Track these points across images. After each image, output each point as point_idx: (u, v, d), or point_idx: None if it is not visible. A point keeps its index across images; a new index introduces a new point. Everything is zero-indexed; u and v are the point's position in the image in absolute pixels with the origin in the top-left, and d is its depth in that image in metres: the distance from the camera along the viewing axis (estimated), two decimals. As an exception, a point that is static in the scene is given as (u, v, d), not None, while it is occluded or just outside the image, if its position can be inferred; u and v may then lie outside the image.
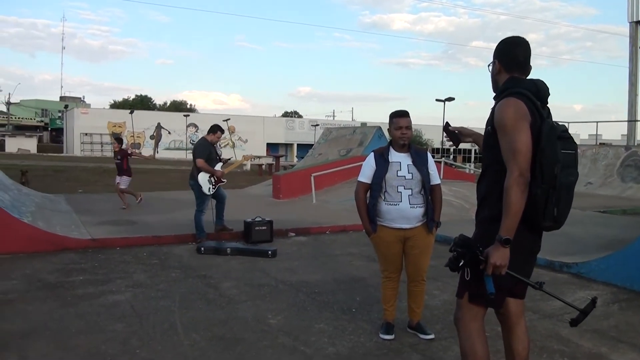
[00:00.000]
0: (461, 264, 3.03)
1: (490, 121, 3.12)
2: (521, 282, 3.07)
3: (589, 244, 9.31)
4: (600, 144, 30.13)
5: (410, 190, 4.74)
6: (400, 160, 4.80)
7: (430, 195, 4.84)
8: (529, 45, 3.22)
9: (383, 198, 4.77)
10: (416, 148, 4.94)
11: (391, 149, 4.87)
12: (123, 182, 13.46)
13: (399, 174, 4.73)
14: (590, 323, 5.38)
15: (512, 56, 3.20)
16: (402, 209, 4.71)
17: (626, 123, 29.04)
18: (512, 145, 2.91)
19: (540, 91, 3.10)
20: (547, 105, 3.16)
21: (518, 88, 3.06)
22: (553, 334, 5.10)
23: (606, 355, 4.66)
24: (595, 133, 30.59)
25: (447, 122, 3.86)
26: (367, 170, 4.88)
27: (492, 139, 3.10)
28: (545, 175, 2.88)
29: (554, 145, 2.90)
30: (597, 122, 29.55)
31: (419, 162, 4.81)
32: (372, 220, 4.84)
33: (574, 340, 4.98)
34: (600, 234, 10.49)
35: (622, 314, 5.83)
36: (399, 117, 4.83)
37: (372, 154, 4.95)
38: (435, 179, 4.92)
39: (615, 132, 61.29)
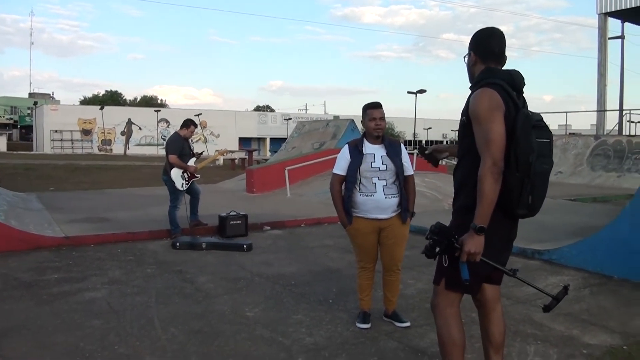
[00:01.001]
0: (437, 251, 3.09)
1: (465, 111, 3.17)
2: (496, 268, 3.15)
3: (560, 231, 9.48)
4: (570, 133, 30.59)
5: (385, 181, 4.80)
6: (374, 151, 4.85)
7: (403, 185, 4.90)
8: (504, 36, 3.28)
9: (358, 189, 4.82)
10: (389, 139, 4.99)
11: (365, 141, 4.92)
12: None
13: (373, 166, 4.78)
14: (562, 307, 5.49)
15: (487, 47, 3.25)
16: (377, 199, 4.77)
17: (595, 113, 29.51)
18: (486, 135, 2.97)
19: (515, 81, 3.16)
20: (523, 95, 3.22)
21: (493, 78, 3.11)
22: (526, 319, 5.22)
23: (578, 338, 4.79)
24: (565, 123, 30.95)
25: (420, 147, 3.96)
26: (341, 163, 4.92)
27: (467, 129, 3.15)
28: (520, 164, 2.94)
29: (528, 134, 2.96)
30: (566, 112, 29.99)
31: (393, 153, 4.86)
32: (347, 212, 4.89)
33: (547, 324, 5.10)
34: (571, 221, 10.67)
35: (593, 297, 5.97)
36: (373, 108, 4.88)
37: (347, 146, 4.99)
38: (409, 170, 4.98)
39: (584, 122, 62.19)
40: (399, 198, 4.86)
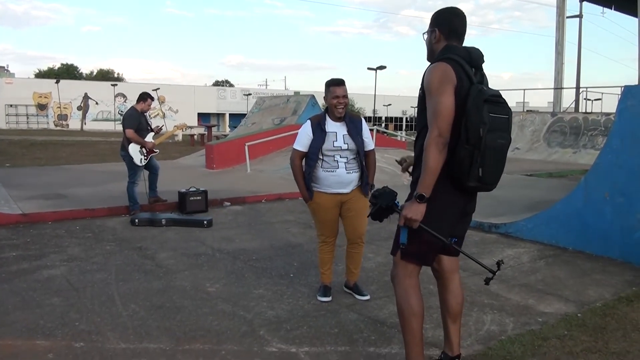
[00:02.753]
0: (374, 210, 3.25)
1: (422, 85, 3.21)
2: (459, 239, 3.26)
3: (517, 205, 9.68)
4: (527, 110, 31.03)
5: (346, 158, 4.84)
6: (336, 130, 4.85)
7: (365, 160, 4.95)
8: (465, 17, 3.33)
9: (320, 165, 4.85)
10: (350, 115, 4.98)
11: (327, 118, 4.91)
12: None
13: (335, 145, 4.80)
14: (518, 278, 5.68)
15: (451, 26, 3.29)
16: (339, 174, 4.82)
17: (552, 91, 29.98)
18: (435, 106, 3.04)
19: (472, 57, 3.20)
20: (482, 71, 3.27)
21: (449, 54, 3.16)
22: (483, 290, 5.33)
23: (533, 307, 4.93)
24: (522, 100, 31.40)
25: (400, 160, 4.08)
26: (303, 139, 4.91)
27: (423, 102, 3.20)
28: (470, 136, 2.99)
29: (479, 108, 3.00)
30: (524, 89, 30.38)
31: (354, 132, 4.88)
32: (308, 188, 4.92)
33: (503, 294, 5.24)
34: (527, 195, 10.90)
35: (548, 268, 6.13)
36: (336, 85, 4.84)
37: (309, 122, 4.96)
38: (370, 145, 5.01)
39: (541, 100, 63.03)
40: (360, 172, 4.91)
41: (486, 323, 4.54)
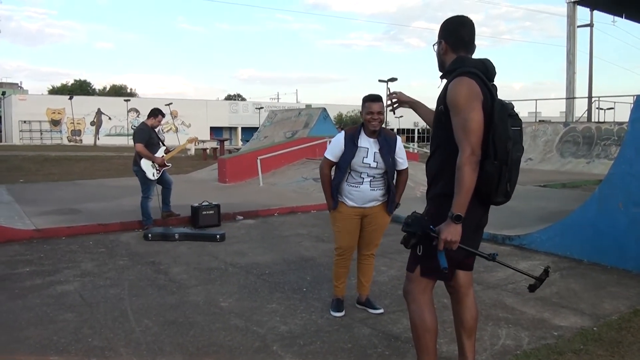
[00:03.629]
0: (413, 242, 3.10)
1: (442, 100, 3.15)
2: (472, 254, 3.19)
3: (530, 216, 9.61)
4: (539, 121, 30.88)
5: (373, 176, 4.81)
6: (369, 146, 4.79)
7: (397, 177, 4.96)
8: (473, 25, 3.28)
9: (345, 178, 4.84)
10: (386, 133, 4.90)
11: (362, 132, 4.84)
12: None
13: (364, 161, 4.75)
14: (533, 292, 5.61)
15: (458, 36, 3.25)
16: (363, 190, 4.80)
17: (564, 100, 29.86)
18: (465, 124, 2.97)
19: (488, 70, 3.18)
20: (494, 83, 3.23)
21: (469, 67, 3.11)
22: (498, 303, 5.30)
23: (549, 320, 4.88)
24: (534, 111, 31.35)
25: (388, 89, 3.96)
26: (335, 149, 4.87)
27: (444, 117, 3.14)
28: (499, 152, 2.96)
29: (505, 123, 2.98)
30: (536, 100, 30.42)
31: (386, 150, 4.80)
32: (334, 197, 4.91)
33: (518, 307, 5.19)
34: (541, 207, 10.83)
35: (564, 281, 6.07)
36: (371, 101, 4.77)
37: (343, 133, 4.92)
38: (403, 164, 4.97)
39: (553, 110, 63.01)
40: (385, 190, 4.88)
41: (501, 337, 4.50)
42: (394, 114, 4.11)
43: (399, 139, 5.06)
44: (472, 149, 2.93)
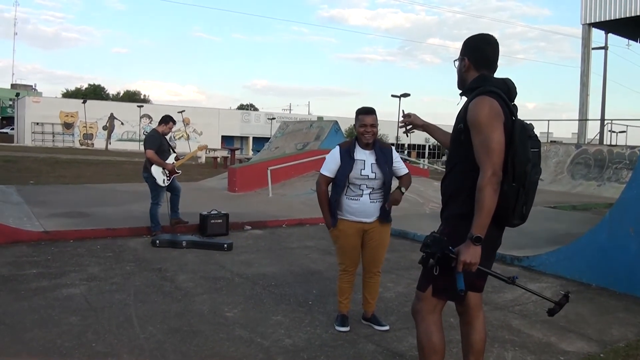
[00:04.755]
0: (430, 263, 3.06)
1: (462, 118, 3.12)
2: (484, 276, 3.16)
3: (540, 238, 9.55)
4: (551, 141, 30.87)
5: (372, 188, 4.80)
6: (365, 158, 4.81)
7: (399, 182, 4.96)
8: (498, 44, 3.24)
9: (344, 192, 4.83)
10: (381, 144, 4.93)
11: (357, 145, 4.86)
12: None
13: (362, 173, 4.76)
14: (540, 314, 5.57)
15: (482, 54, 3.22)
16: (363, 202, 4.79)
17: (577, 122, 29.75)
18: (487, 144, 2.93)
19: (510, 90, 3.14)
20: (515, 104, 3.19)
21: (491, 87, 3.08)
22: (504, 325, 5.25)
23: (555, 344, 4.83)
24: (546, 131, 31.19)
25: (403, 110, 3.92)
26: (331, 165, 4.87)
27: (463, 136, 3.10)
28: (517, 174, 2.94)
29: (525, 144, 2.96)
30: (548, 120, 30.27)
31: (382, 161, 4.82)
32: (332, 214, 4.89)
33: (525, 330, 5.14)
34: (551, 228, 10.76)
35: (571, 305, 5.94)
36: (364, 114, 4.80)
37: (338, 148, 4.92)
38: (402, 170, 4.98)
39: (565, 131, 62.86)
40: (383, 202, 4.87)
41: None
42: (407, 136, 4.10)
43: (393, 149, 5.06)
44: (494, 170, 2.90)
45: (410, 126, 3.84)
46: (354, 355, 4.45)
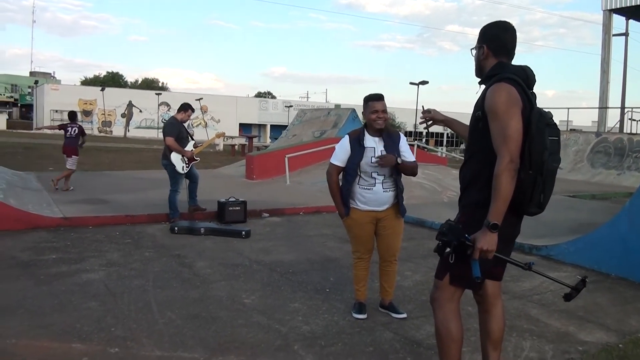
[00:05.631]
0: (447, 251, 3.05)
1: (480, 106, 3.10)
2: (501, 264, 3.14)
3: (559, 227, 9.48)
4: (570, 130, 30.54)
5: (383, 175, 4.79)
6: (374, 145, 4.81)
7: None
8: (516, 31, 3.22)
9: (357, 182, 4.82)
10: (388, 131, 4.92)
11: (366, 133, 4.86)
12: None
13: (373, 160, 4.75)
14: (558, 303, 5.54)
15: (501, 41, 3.20)
16: (376, 192, 4.78)
17: (597, 110, 29.45)
18: (504, 131, 2.92)
19: (529, 78, 3.12)
20: (533, 91, 3.17)
21: (509, 74, 3.06)
22: (522, 314, 5.23)
23: (574, 334, 4.80)
24: (566, 119, 30.99)
25: (422, 106, 3.90)
26: (341, 154, 4.87)
27: (481, 123, 3.09)
28: (534, 161, 2.91)
29: (543, 132, 2.93)
30: (568, 108, 30.03)
31: (391, 147, 4.81)
32: (345, 204, 4.89)
33: (543, 319, 5.12)
34: (570, 217, 10.69)
35: (590, 295, 5.96)
36: (374, 100, 4.79)
37: (347, 137, 4.91)
38: (410, 157, 4.91)
39: (585, 119, 62.39)
40: (396, 191, 4.85)
41: (525, 349, 4.43)
42: (428, 130, 4.08)
43: (402, 135, 5.04)
44: (511, 157, 2.88)
45: (431, 122, 3.83)
46: (371, 343, 4.45)
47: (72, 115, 13.45)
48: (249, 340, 4.41)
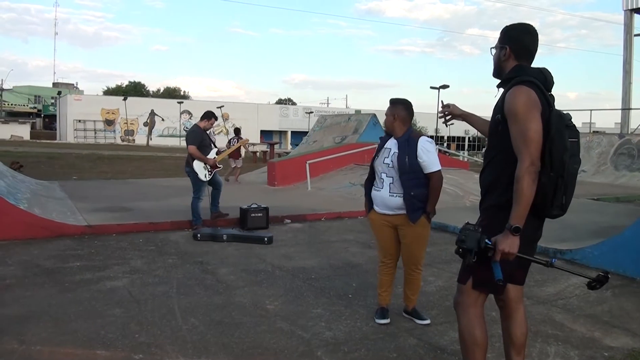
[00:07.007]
0: (468, 259, 3.02)
1: (500, 109, 3.10)
2: (523, 267, 3.12)
3: (583, 230, 9.39)
4: (593, 132, 30.28)
5: (392, 178, 4.73)
6: (391, 146, 4.80)
7: (426, 183, 4.71)
8: (537, 34, 3.21)
9: (374, 182, 4.89)
10: (410, 135, 4.78)
11: (392, 135, 4.89)
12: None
13: (385, 161, 4.75)
14: (584, 308, 5.48)
15: (523, 44, 3.18)
16: (382, 195, 4.77)
17: (620, 111, 29.13)
18: (524, 133, 2.91)
19: (547, 80, 3.11)
20: (552, 93, 3.15)
21: (528, 76, 3.05)
22: (547, 319, 5.17)
23: (599, 340, 4.73)
24: (589, 121, 30.66)
25: (442, 101, 3.88)
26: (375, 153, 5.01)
27: (501, 126, 3.08)
28: (555, 163, 2.90)
29: (562, 134, 2.92)
30: (590, 110, 29.72)
31: (403, 150, 4.69)
32: (369, 202, 4.96)
33: (568, 324, 5.06)
34: (594, 221, 10.57)
35: (615, 299, 5.89)
36: (389, 104, 4.89)
37: (381, 137, 5.05)
38: (428, 166, 4.69)
39: (608, 121, 61.75)
40: (409, 198, 4.68)
41: (550, 355, 4.38)
42: (446, 126, 4.06)
43: (422, 139, 4.79)
44: (532, 160, 2.87)
45: (450, 116, 3.81)
46: (394, 349, 4.42)
47: (237, 130, 17.98)
48: (272, 346, 4.41)
